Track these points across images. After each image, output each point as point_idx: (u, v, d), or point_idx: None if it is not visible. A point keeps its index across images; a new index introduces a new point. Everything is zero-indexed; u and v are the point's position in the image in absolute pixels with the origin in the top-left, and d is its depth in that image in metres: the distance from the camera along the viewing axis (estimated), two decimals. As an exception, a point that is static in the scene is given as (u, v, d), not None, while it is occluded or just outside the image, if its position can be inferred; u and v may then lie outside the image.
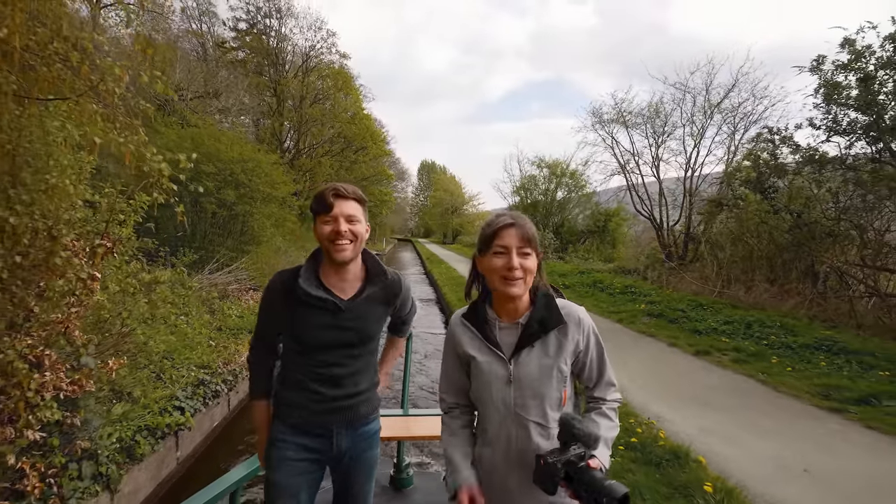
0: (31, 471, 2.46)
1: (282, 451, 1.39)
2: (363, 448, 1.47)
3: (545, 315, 1.16)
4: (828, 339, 6.22)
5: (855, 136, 8.23)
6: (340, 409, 1.41)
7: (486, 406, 1.17)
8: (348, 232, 1.32)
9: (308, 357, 1.38)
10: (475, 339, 1.19)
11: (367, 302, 1.40)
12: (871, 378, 4.95)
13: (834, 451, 3.50)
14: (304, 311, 1.35)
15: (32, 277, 2.23)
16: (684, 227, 14.70)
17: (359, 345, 1.41)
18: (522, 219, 1.16)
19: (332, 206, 1.32)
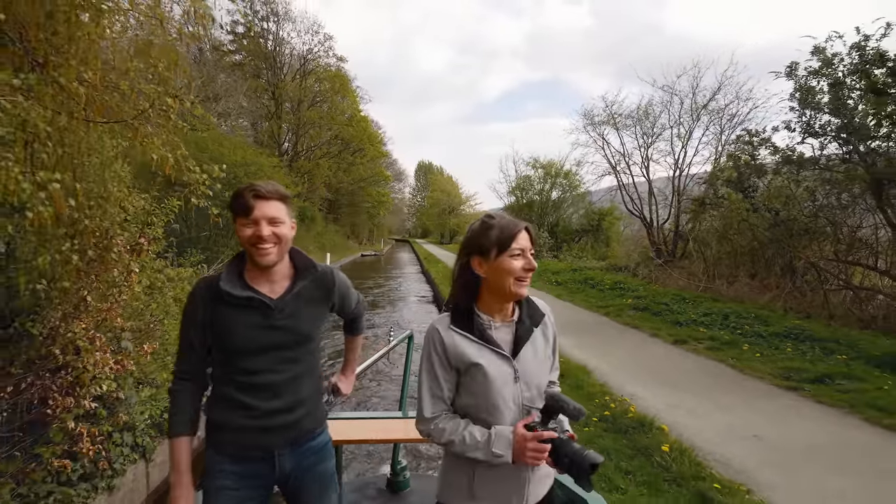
0: (86, 435, 2.89)
1: (219, 481, 1.27)
2: (311, 463, 1.37)
3: (531, 311, 1.23)
4: (797, 328, 6.69)
5: (827, 139, 8.71)
6: (281, 428, 1.30)
7: (493, 409, 1.15)
8: (271, 235, 1.24)
9: (237, 365, 1.27)
10: (474, 344, 1.16)
11: (298, 298, 1.33)
12: (829, 361, 5.42)
13: (783, 421, 3.95)
14: (231, 315, 1.26)
15: (89, 271, 2.64)
16: (673, 225, 15.21)
17: (294, 346, 1.32)
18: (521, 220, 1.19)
19: (252, 208, 1.23)
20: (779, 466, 3.17)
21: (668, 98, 15.17)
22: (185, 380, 1.29)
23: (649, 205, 15.86)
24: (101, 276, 2.82)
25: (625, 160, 16.65)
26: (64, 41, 2.16)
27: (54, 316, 2.73)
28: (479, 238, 1.16)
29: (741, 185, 10.45)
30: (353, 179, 37.22)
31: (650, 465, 3.10)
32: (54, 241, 2.18)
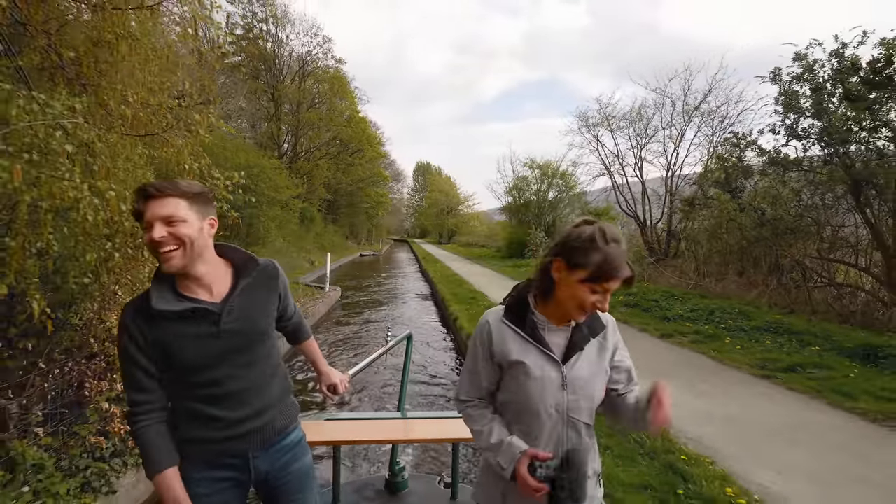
0: (119, 415, 3.21)
1: (193, 489, 1.20)
2: (287, 462, 1.33)
3: (591, 320, 1.18)
4: (776, 323, 7.04)
5: (810, 141, 9.05)
6: (251, 433, 1.25)
7: (532, 412, 1.13)
8: (168, 237, 1.11)
9: (194, 380, 1.19)
10: (523, 342, 1.14)
11: (244, 296, 1.24)
12: (804, 353, 5.76)
13: (754, 406, 4.29)
14: (174, 331, 1.15)
15: (125, 267, 2.96)
16: (666, 225, 15.55)
17: (250, 348, 1.25)
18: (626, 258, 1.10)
19: (142, 212, 1.12)
20: (744, 443, 3.50)
21: (660, 100, 15.52)
22: (149, 412, 1.18)
23: (643, 205, 16.21)
24: (133, 273, 3.13)
25: (619, 161, 17.00)
26: (108, 67, 2.46)
27: (90, 308, 3.05)
28: (578, 249, 1.06)
29: (729, 185, 10.79)
30: (352, 180, 37.54)
31: (626, 442, 3.43)
32: (98, 241, 2.49)
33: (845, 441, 3.53)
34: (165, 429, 1.19)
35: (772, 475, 3.03)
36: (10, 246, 1.98)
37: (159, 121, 2.86)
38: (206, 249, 1.19)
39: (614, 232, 1.08)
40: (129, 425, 1.20)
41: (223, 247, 1.28)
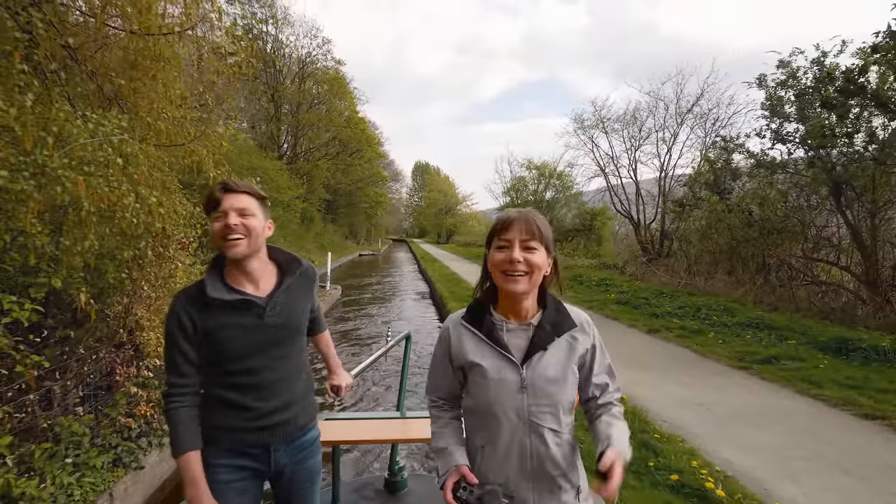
0: (145, 398, 3.53)
1: (217, 475, 1.28)
2: (303, 458, 1.41)
3: (557, 318, 1.11)
4: (758, 319, 7.39)
5: (794, 145, 9.41)
6: (277, 425, 1.33)
7: (491, 416, 1.08)
8: (240, 225, 1.24)
9: (232, 367, 1.28)
10: (480, 343, 1.10)
11: (288, 294, 1.35)
12: (781, 346, 6.10)
13: (729, 394, 4.63)
14: (223, 320, 1.25)
15: (156, 263, 3.28)
16: (659, 225, 15.92)
17: (287, 342, 1.35)
18: (531, 213, 1.09)
19: (221, 200, 1.25)
20: (714, 426, 3.84)
21: (653, 103, 15.88)
22: (185, 395, 1.26)
23: (636, 205, 16.56)
24: (159, 270, 3.45)
25: (613, 163, 17.36)
26: (142, 85, 2.79)
27: (120, 301, 3.37)
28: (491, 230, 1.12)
29: (718, 187, 11.14)
30: (351, 180, 37.81)
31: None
32: (134, 240, 2.81)
33: (806, 423, 3.87)
34: (196, 413, 1.27)
35: (735, 452, 3.37)
36: (65, 245, 2.29)
37: (185, 132, 3.18)
38: (262, 247, 1.32)
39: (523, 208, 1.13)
40: (164, 406, 1.26)
41: (270, 248, 1.39)
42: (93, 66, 2.59)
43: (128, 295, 3.28)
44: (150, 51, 2.62)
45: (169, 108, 2.89)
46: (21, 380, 2.43)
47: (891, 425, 3.79)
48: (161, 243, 3.15)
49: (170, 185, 3.41)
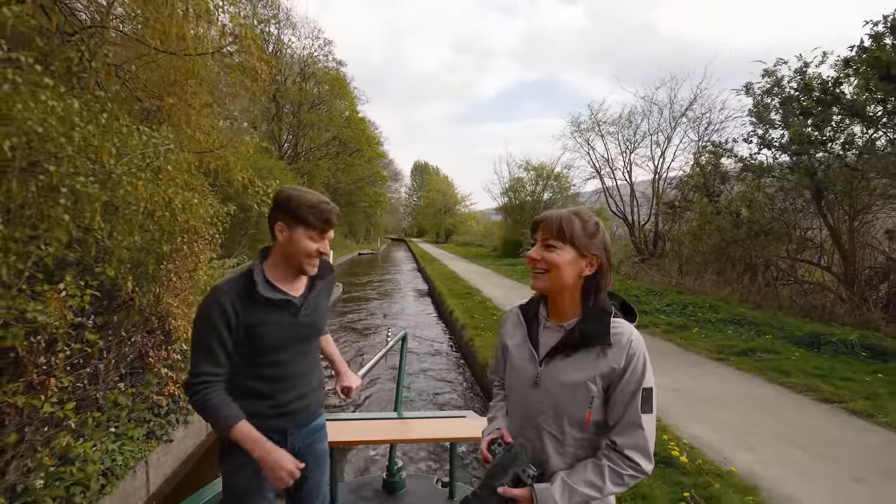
0: (174, 379, 3.92)
1: (240, 457, 1.35)
2: (312, 441, 1.53)
3: (592, 329, 1.05)
4: (740, 315, 7.80)
5: (779, 150, 9.82)
6: (294, 412, 1.46)
7: (511, 399, 1.18)
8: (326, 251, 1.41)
9: (264, 360, 1.38)
10: (519, 332, 1.17)
11: (318, 295, 1.48)
12: (759, 340, 6.51)
13: (705, 381, 5.03)
14: (265, 315, 1.35)
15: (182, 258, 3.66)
16: (653, 226, 16.32)
17: (312, 339, 1.49)
18: (564, 212, 1.09)
19: (328, 230, 1.38)
20: (687, 407, 4.24)
21: (648, 107, 16.29)
22: (218, 383, 1.32)
23: (631, 207, 16.97)
24: (186, 264, 3.84)
25: (608, 165, 17.77)
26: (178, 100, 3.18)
27: (153, 291, 3.75)
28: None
29: (707, 190, 11.55)
30: (351, 180, 38.13)
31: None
32: (171, 236, 3.20)
33: (770, 406, 4.28)
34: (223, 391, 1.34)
35: (702, 429, 3.78)
36: (118, 240, 2.66)
37: (213, 139, 3.57)
38: None
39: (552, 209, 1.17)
40: (194, 394, 1.29)
41: None
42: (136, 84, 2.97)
43: (161, 285, 3.66)
44: (187, 69, 3.00)
45: (200, 118, 3.27)
46: (81, 354, 2.81)
47: (847, 408, 4.20)
48: (192, 239, 3.53)
49: (200, 188, 3.81)
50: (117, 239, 2.70)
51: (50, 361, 2.63)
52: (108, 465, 3.13)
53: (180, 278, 4.07)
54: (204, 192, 3.46)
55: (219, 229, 4.47)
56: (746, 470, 3.12)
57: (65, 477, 2.81)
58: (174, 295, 3.89)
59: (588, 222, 1.08)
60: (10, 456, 2.56)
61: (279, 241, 1.36)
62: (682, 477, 3.01)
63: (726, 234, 11.52)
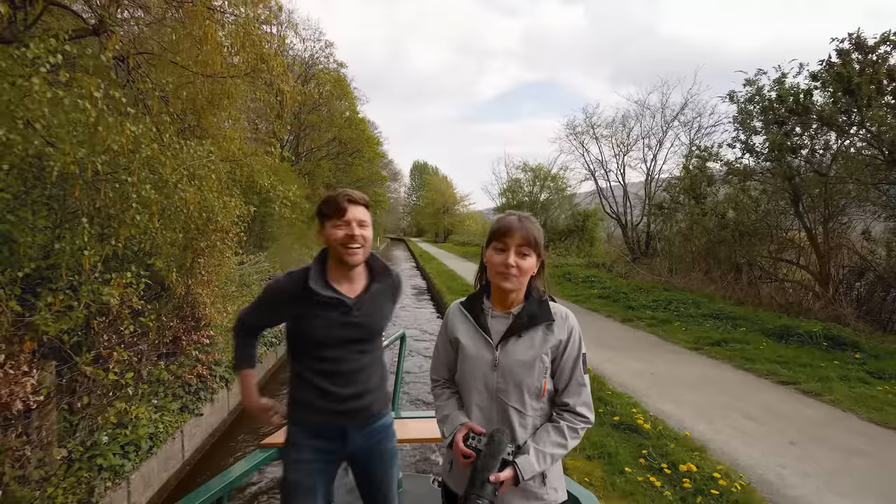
0: (203, 361, 4.43)
1: (298, 454, 1.44)
2: (377, 441, 1.53)
3: (536, 310, 1.22)
4: (720, 310, 8.33)
5: (761, 155, 10.34)
6: (352, 411, 1.46)
7: (469, 389, 1.23)
8: (360, 236, 1.38)
9: (317, 355, 1.42)
10: (468, 325, 1.26)
11: (373, 299, 1.47)
12: (733, 333, 7.03)
13: (678, 367, 5.56)
14: (314, 310, 1.40)
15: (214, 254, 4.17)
16: (646, 226, 16.87)
17: (367, 340, 1.47)
18: (528, 221, 1.21)
19: (346, 210, 1.38)
20: (658, 389, 4.77)
21: (640, 111, 16.83)
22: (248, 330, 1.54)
23: (624, 208, 17.50)
24: (215, 259, 4.35)
25: (602, 168, 18.30)
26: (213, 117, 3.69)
27: (186, 282, 4.25)
28: (490, 231, 1.25)
29: (694, 192, 12.09)
30: (351, 180, 38.52)
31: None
32: (206, 234, 3.71)
33: (732, 388, 4.81)
34: (253, 342, 1.56)
35: (669, 405, 4.30)
36: (167, 237, 3.16)
37: (241, 149, 4.07)
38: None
39: (518, 212, 1.25)
40: (233, 330, 1.55)
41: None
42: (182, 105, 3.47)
43: (194, 277, 4.16)
44: (223, 90, 3.49)
45: (232, 132, 3.78)
46: (133, 334, 3.32)
47: (799, 389, 4.73)
48: (221, 237, 4.04)
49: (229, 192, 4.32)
50: (166, 236, 3.20)
51: (111, 339, 3.14)
52: (152, 431, 3.65)
53: (209, 272, 4.58)
54: (233, 195, 3.96)
55: (241, 228, 4.99)
56: (700, 436, 3.65)
57: (120, 438, 3.32)
58: (204, 286, 4.40)
59: (540, 229, 1.23)
60: (80, 417, 3.08)
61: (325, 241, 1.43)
62: (644, 440, 3.53)
63: (713, 234, 12.06)
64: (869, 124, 6.78)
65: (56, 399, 2.80)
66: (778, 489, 2.92)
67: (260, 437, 2.05)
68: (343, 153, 35.73)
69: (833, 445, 3.53)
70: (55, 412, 2.80)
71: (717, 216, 11.57)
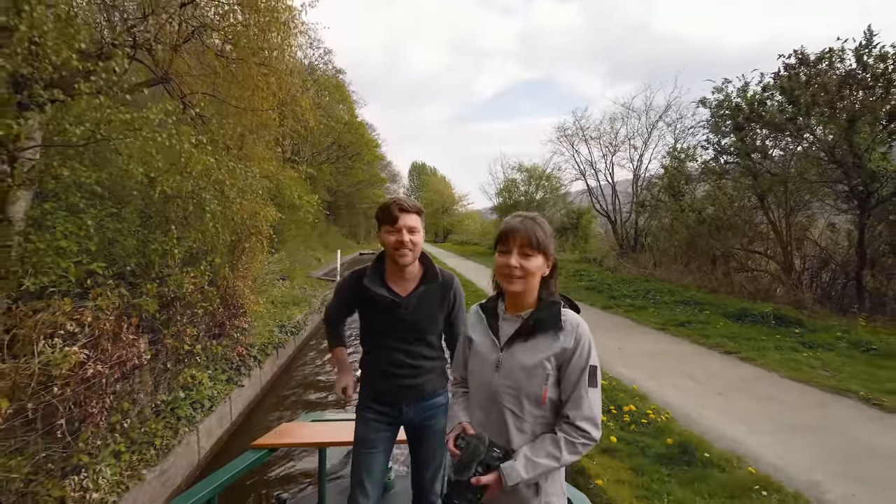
0: (243, 343, 5.35)
1: (365, 413, 1.75)
2: (428, 416, 1.75)
3: (546, 316, 1.21)
4: (691, 297, 9.27)
5: (731, 156, 11.27)
6: (407, 388, 1.70)
7: (473, 387, 1.30)
8: (409, 242, 1.56)
9: (377, 343, 1.70)
10: (481, 324, 1.31)
11: (422, 298, 1.66)
12: (698, 315, 7.96)
13: (641, 343, 6.48)
14: (367, 304, 1.66)
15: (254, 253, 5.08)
16: (633, 223, 17.80)
17: (418, 332, 1.68)
18: (532, 221, 1.21)
19: (397, 219, 1.56)
20: (623, 359, 5.69)
21: (626, 114, 17.77)
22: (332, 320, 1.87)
23: (613, 206, 18.44)
24: (251, 257, 5.27)
25: (592, 168, 19.24)
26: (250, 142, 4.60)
27: (230, 276, 5.18)
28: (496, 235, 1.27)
29: (673, 190, 13.02)
30: (351, 183, 39.51)
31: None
32: (248, 236, 4.63)
33: (684, 357, 5.74)
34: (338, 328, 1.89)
35: (627, 370, 5.22)
36: (223, 239, 4.06)
37: (272, 167, 4.99)
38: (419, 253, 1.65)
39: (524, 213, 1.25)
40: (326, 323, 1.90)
41: (422, 255, 1.69)
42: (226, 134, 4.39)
43: (236, 272, 5.08)
44: (260, 121, 4.39)
45: (266, 153, 4.70)
46: (198, 315, 4.25)
47: (740, 357, 5.66)
48: (258, 239, 4.97)
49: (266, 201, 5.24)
50: (223, 238, 4.12)
51: (184, 318, 4.07)
52: (210, 395, 4.57)
53: (246, 268, 5.51)
54: (267, 204, 4.87)
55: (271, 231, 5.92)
56: (646, 389, 4.57)
57: (190, 396, 4.25)
58: (242, 280, 5.32)
59: (548, 230, 1.23)
60: (162, 378, 4.00)
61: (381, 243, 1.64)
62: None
63: (692, 229, 12.99)
64: (811, 130, 7.70)
65: (149, 363, 3.73)
66: (695, 420, 3.84)
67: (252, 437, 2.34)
68: (343, 157, 36.74)
69: (752, 395, 4.45)
70: (149, 372, 3.72)
71: (694, 212, 12.50)
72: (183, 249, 3.62)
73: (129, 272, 3.51)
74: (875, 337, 5.97)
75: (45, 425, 2.65)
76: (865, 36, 6.92)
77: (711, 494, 2.78)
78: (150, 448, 3.46)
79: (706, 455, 3.14)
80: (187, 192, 3.33)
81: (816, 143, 7.92)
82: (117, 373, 3.17)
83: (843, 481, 2.89)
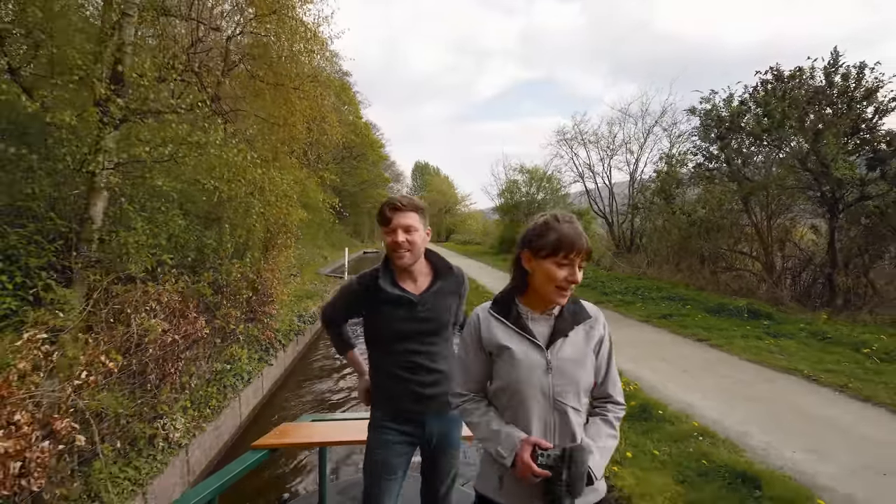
0: (272, 327, 6.10)
1: (384, 436, 1.62)
2: (450, 429, 1.68)
3: (577, 309, 1.27)
4: (676, 293, 9.99)
5: (718, 162, 11.97)
6: (430, 398, 1.60)
7: (523, 396, 1.20)
8: (405, 242, 1.53)
9: (393, 348, 1.60)
10: (508, 330, 1.23)
11: (437, 294, 1.62)
12: (680, 309, 8.67)
13: (626, 334, 7.20)
14: (383, 307, 1.58)
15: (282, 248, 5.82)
16: (630, 224, 18.50)
17: (436, 331, 1.63)
18: (584, 236, 1.18)
19: (390, 219, 1.53)
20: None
21: (623, 119, 18.48)
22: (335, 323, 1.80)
23: (610, 208, 19.15)
24: (279, 251, 6.02)
25: (590, 170, 19.96)
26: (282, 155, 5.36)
27: (265, 268, 5.92)
28: (537, 235, 1.20)
29: (665, 193, 13.73)
30: (356, 182, 40.28)
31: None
32: (281, 233, 5.38)
33: (662, 344, 6.46)
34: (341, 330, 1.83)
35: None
36: (261, 236, 4.78)
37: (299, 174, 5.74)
38: (422, 252, 1.63)
39: (565, 215, 1.22)
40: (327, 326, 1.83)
41: (428, 252, 1.68)
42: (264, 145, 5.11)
43: (266, 264, 5.82)
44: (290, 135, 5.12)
45: (294, 161, 5.43)
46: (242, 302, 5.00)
47: (710, 344, 6.38)
48: (286, 235, 5.71)
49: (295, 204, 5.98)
50: (260, 235, 4.86)
51: (227, 304, 4.81)
52: (248, 370, 5.32)
53: (275, 261, 6.26)
54: (296, 206, 5.61)
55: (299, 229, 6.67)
56: (623, 369, 5.30)
57: (232, 369, 5.00)
58: (272, 272, 6.07)
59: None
60: (212, 351, 4.76)
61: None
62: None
63: (683, 230, 13.69)
64: (786, 141, 8.40)
65: (205, 338, 4.48)
66: (660, 391, 4.57)
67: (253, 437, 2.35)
68: (348, 157, 37.49)
69: (713, 373, 5.17)
70: (204, 346, 4.48)
71: (685, 214, 13.20)
72: (232, 244, 4.36)
73: (190, 263, 4.26)
74: (832, 328, 6.68)
75: (140, 381, 3.41)
76: (832, 56, 7.62)
77: (660, 440, 3.51)
78: (206, 407, 4.22)
79: (660, 413, 3.87)
80: (241, 197, 4.07)
81: (791, 152, 8.62)
82: (185, 344, 3.92)
83: (767, 432, 3.61)
